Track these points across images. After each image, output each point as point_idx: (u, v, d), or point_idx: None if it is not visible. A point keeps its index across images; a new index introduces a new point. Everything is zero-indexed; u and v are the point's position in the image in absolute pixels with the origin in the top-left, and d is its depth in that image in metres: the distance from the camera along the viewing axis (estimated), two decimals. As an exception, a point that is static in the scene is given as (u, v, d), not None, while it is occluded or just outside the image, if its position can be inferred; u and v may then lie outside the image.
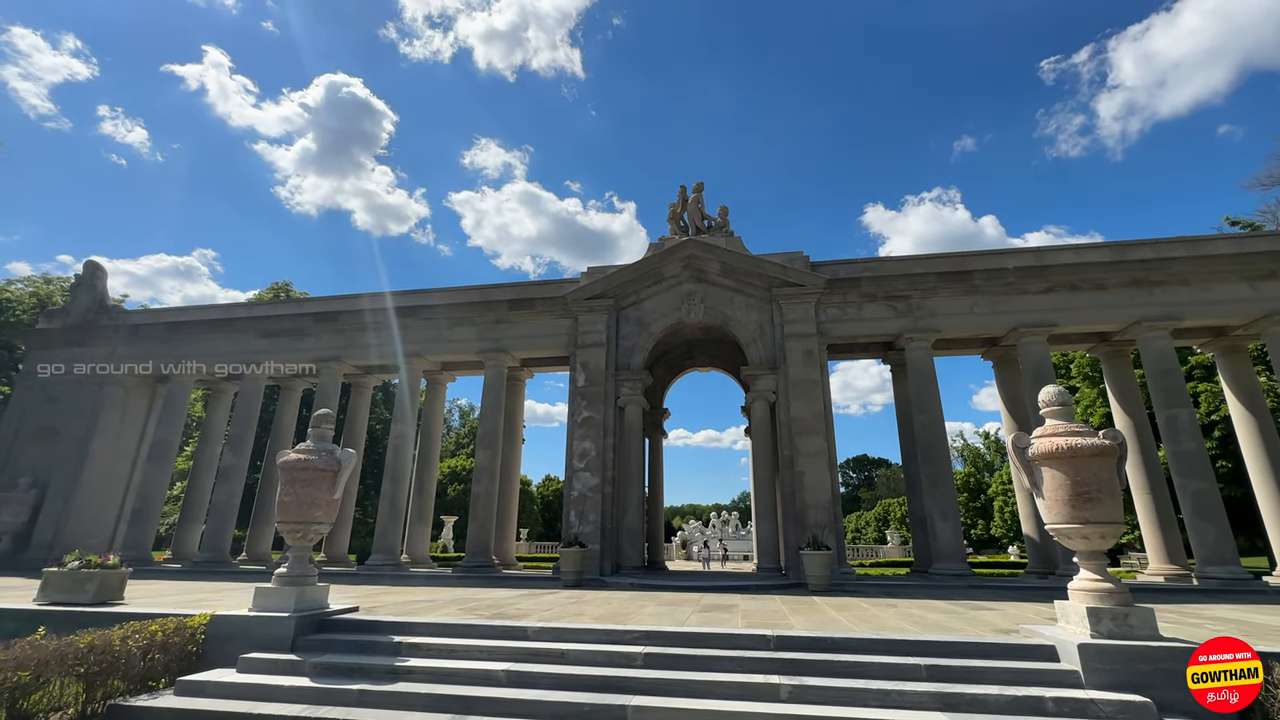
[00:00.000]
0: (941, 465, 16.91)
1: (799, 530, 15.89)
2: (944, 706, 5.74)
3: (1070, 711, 5.61)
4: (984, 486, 61.16)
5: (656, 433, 24.24)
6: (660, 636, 7.28)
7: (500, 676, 6.59)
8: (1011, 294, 17.44)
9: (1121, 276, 16.94)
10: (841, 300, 18.19)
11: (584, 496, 17.27)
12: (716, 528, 55.20)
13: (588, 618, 8.63)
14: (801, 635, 7.15)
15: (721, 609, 9.87)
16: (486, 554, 18.34)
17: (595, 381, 18.34)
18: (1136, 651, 5.97)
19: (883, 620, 8.70)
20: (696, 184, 20.63)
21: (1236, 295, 16.43)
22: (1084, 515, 6.57)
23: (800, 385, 17.16)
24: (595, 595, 12.21)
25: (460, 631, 7.72)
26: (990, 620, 8.70)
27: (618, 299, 19.09)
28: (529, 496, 67.20)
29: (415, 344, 20.41)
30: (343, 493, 8.55)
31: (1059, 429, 6.95)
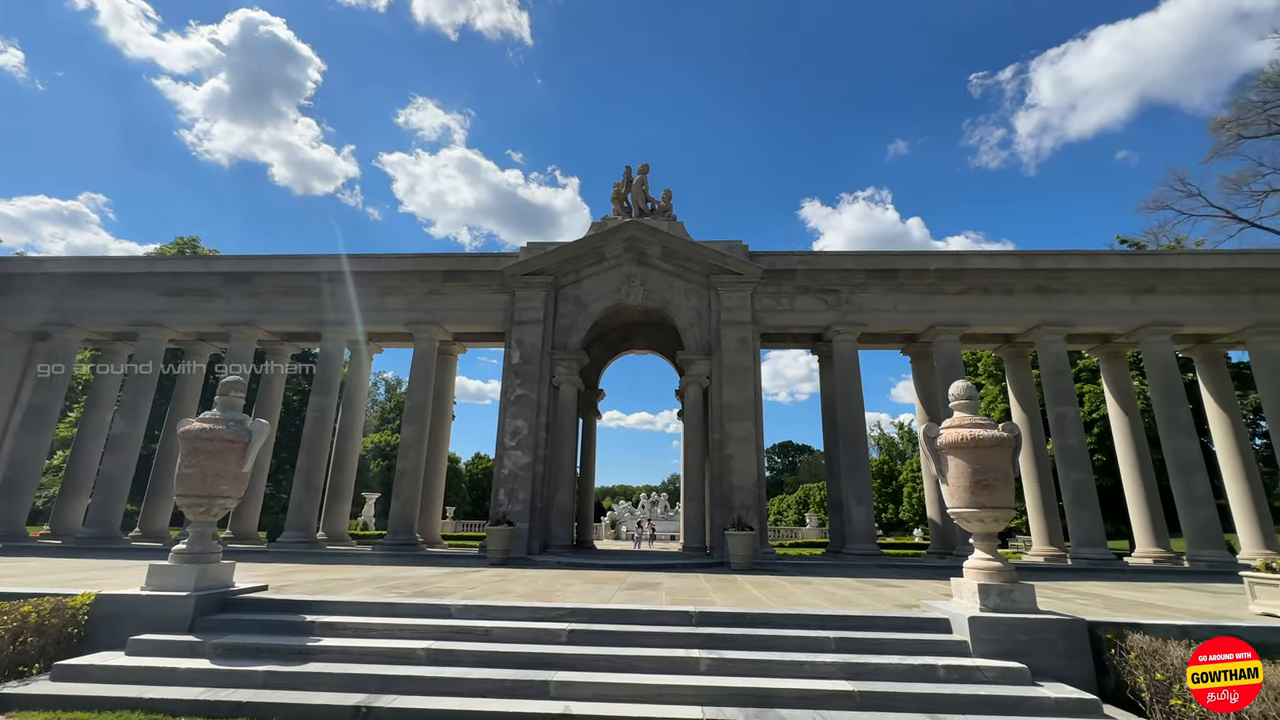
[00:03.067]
0: (860, 453, 17.88)
1: (725, 511, 16.40)
2: (849, 676, 6.13)
3: (958, 678, 6.14)
4: (896, 473, 65.30)
5: (591, 413, 24.23)
6: (585, 613, 7.35)
7: (420, 655, 6.46)
8: (931, 294, 18.54)
9: (1028, 283, 18.35)
10: (776, 291, 18.73)
11: (514, 475, 17.07)
12: (646, 508, 56.18)
13: (513, 595, 8.59)
14: (722, 611, 7.42)
15: (647, 586, 10.07)
16: (410, 532, 17.83)
17: (530, 360, 18.06)
18: (1017, 623, 6.61)
19: (798, 597, 9.16)
20: (642, 166, 20.52)
21: (1121, 306, 18.19)
22: (981, 500, 7.14)
23: (733, 372, 17.59)
24: (522, 574, 12.15)
25: (378, 610, 7.48)
26: (894, 596, 9.35)
27: (557, 277, 18.80)
28: (457, 474, 65.72)
29: (340, 312, 19.32)
30: (253, 466, 8.02)
31: (964, 421, 7.49)
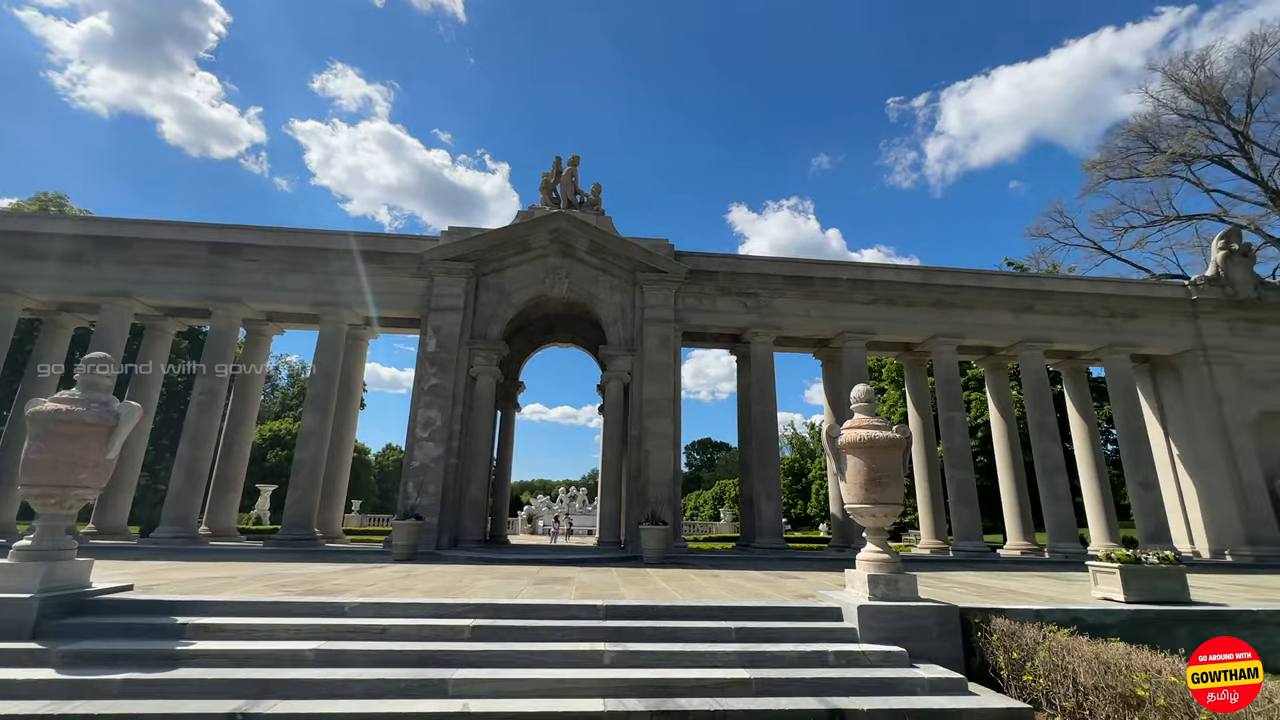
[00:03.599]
0: (771, 451, 18.64)
1: (641, 506, 16.59)
2: (747, 664, 6.37)
3: (846, 662, 6.54)
4: (806, 471, 68.65)
5: (509, 405, 23.73)
6: (491, 609, 7.19)
7: (308, 656, 6.07)
8: (842, 302, 19.61)
9: (927, 297, 19.82)
10: (699, 291, 19.13)
11: (425, 467, 16.42)
12: (564, 503, 55.82)
13: (415, 592, 8.26)
14: (629, 604, 7.50)
15: (558, 581, 10.00)
16: (307, 526, 16.72)
17: (448, 348, 17.42)
18: (900, 610, 7.12)
19: (705, 589, 9.43)
20: (572, 157, 20.28)
21: (1004, 322, 20.06)
22: (875, 497, 7.63)
23: (654, 369, 17.81)
24: (428, 569, 11.71)
25: (263, 610, 6.96)
26: (794, 587, 9.83)
27: (479, 264, 18.24)
28: (365, 466, 62.52)
29: (235, 288, 17.78)
30: (119, 453, 7.21)
31: (863, 423, 7.98)
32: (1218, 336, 20.22)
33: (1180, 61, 31.20)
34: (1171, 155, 29.93)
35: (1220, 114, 29.72)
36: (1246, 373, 20.02)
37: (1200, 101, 30.03)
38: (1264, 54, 28.68)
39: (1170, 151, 29.95)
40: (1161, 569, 8.47)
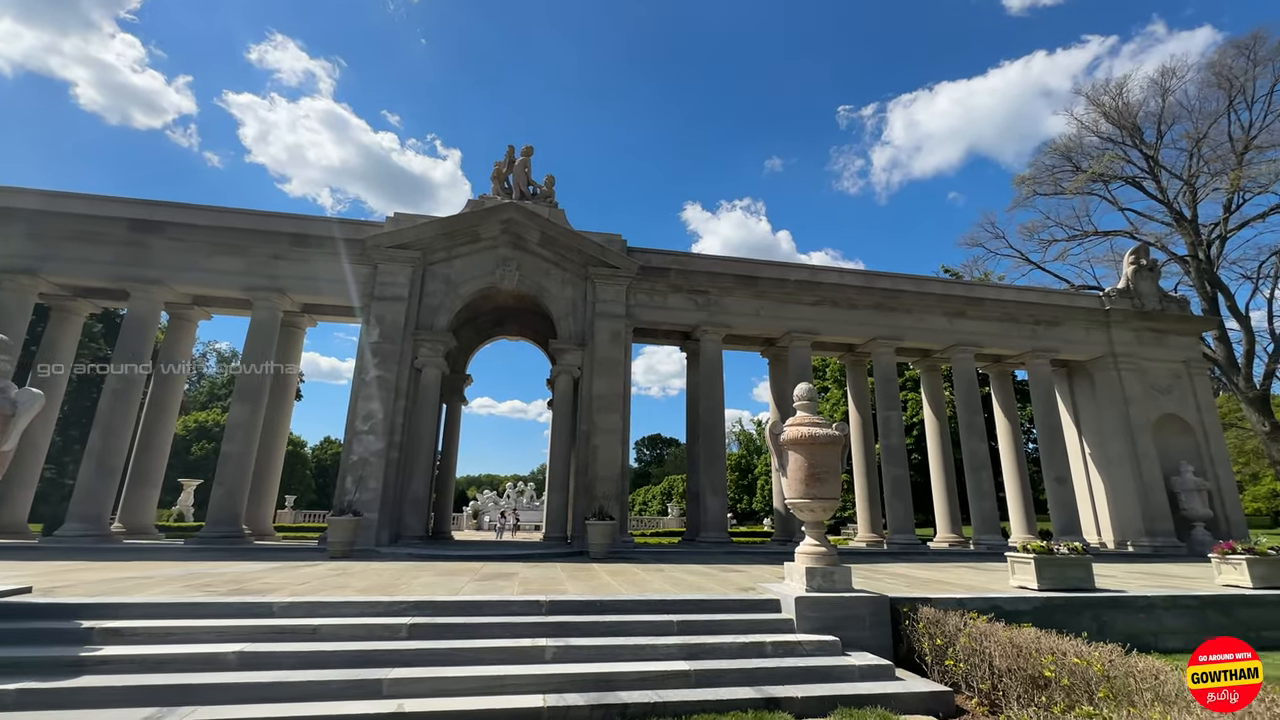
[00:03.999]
0: (718, 447, 18.96)
1: (588, 501, 16.56)
2: (688, 656, 6.47)
3: (783, 652, 6.74)
4: (752, 467, 70.29)
5: (456, 399, 23.18)
6: (430, 606, 7.02)
7: (230, 659, 5.77)
8: (790, 302, 20.13)
9: (869, 300, 20.59)
10: (650, 287, 19.22)
11: (365, 461, 15.85)
12: (511, 498, 55.06)
13: (351, 590, 7.97)
14: (572, 599, 7.48)
15: (501, 577, 9.87)
16: (234, 523, 15.86)
17: (391, 339, 16.85)
18: (835, 601, 7.40)
19: (649, 583, 9.51)
20: (526, 147, 19.94)
21: (939, 326, 21.08)
22: (814, 492, 7.88)
23: (605, 364, 17.78)
24: (365, 566, 11.32)
25: (181, 611, 6.56)
26: (736, 580, 10.05)
27: (426, 252, 17.71)
28: (301, 460, 59.82)
29: (157, 268, 16.62)
30: (19, 444, 6.63)
31: (805, 420, 8.22)
32: (1126, 344, 21.92)
33: (1101, 88, 33.59)
34: (1091, 175, 32.18)
35: (1134, 139, 32.16)
36: (1150, 378, 21.79)
37: (1118, 126, 32.41)
38: (1172, 86, 31.24)
39: (1090, 171, 32.19)
40: (1071, 559, 9.12)
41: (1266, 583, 9.72)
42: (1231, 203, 29.65)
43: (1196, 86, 31.09)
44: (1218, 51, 31.47)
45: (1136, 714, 3.78)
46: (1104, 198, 33.40)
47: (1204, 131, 30.42)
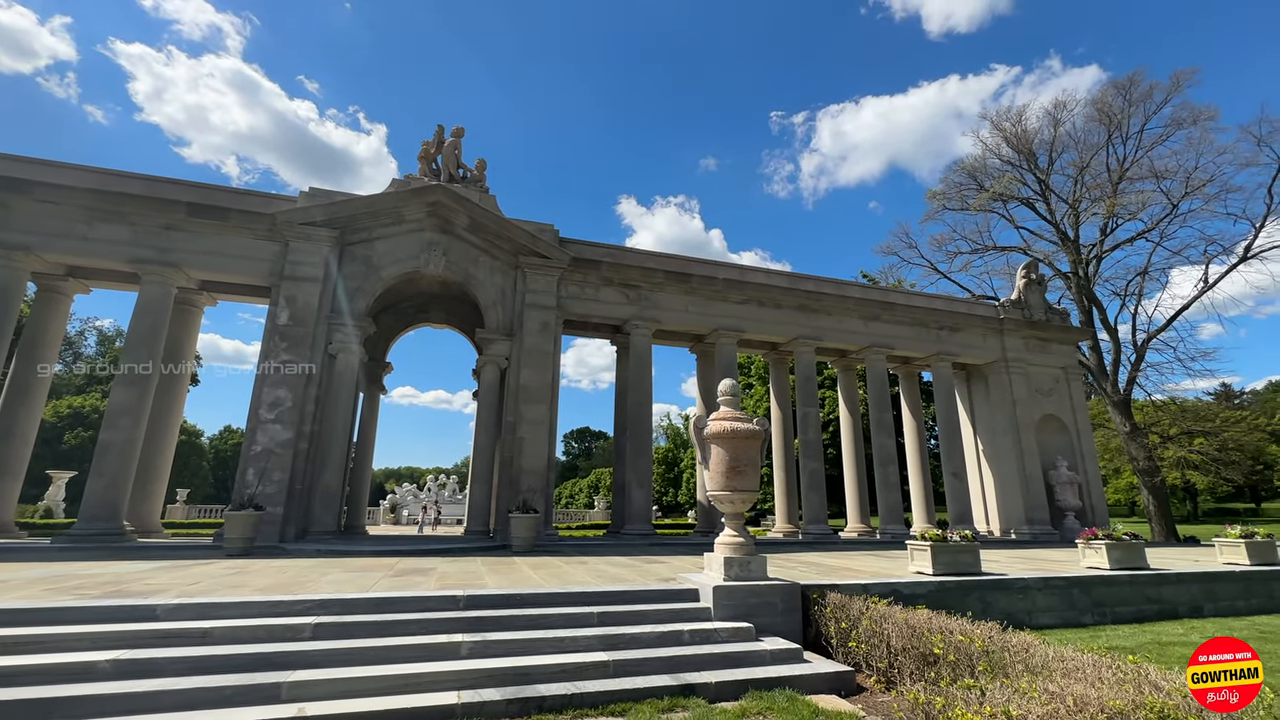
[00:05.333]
0: (644, 440, 19.16)
1: (512, 494, 16.29)
2: (607, 647, 6.53)
3: (700, 639, 6.94)
4: (679, 460, 71.55)
5: (374, 387, 22.11)
6: (338, 605, 6.69)
7: (105, 668, 5.26)
8: (718, 300, 20.60)
9: (793, 300, 21.44)
10: (582, 280, 19.10)
11: (270, 452, 14.81)
12: (433, 491, 53.24)
13: (249, 589, 7.45)
14: (491, 593, 7.36)
15: (418, 573, 9.54)
16: (114, 519, 14.38)
17: (303, 322, 15.81)
18: (750, 589, 7.68)
19: (571, 576, 9.50)
20: (456, 128, 19.21)
21: (855, 329, 22.28)
22: (734, 484, 8.13)
23: (533, 355, 17.52)
24: (267, 564, 10.61)
25: (44, 618, 5.91)
26: (658, 571, 10.22)
27: (345, 232, 16.72)
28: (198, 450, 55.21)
29: (22, 233, 14.74)
30: None
31: (727, 415, 8.45)
32: (1016, 350, 24.06)
33: (1004, 114, 36.55)
34: (992, 194, 34.95)
35: (1030, 163, 35.21)
36: (1034, 382, 24.04)
37: (1016, 150, 35.38)
38: (1063, 117, 34.47)
39: (991, 191, 34.96)
40: (962, 545, 9.94)
41: (1121, 564, 11.02)
42: (1107, 226, 33.12)
43: (1083, 120, 34.51)
44: (1101, 90, 35.08)
45: (1009, 684, 4.18)
46: (1003, 215, 36.38)
47: (1087, 161, 33.81)
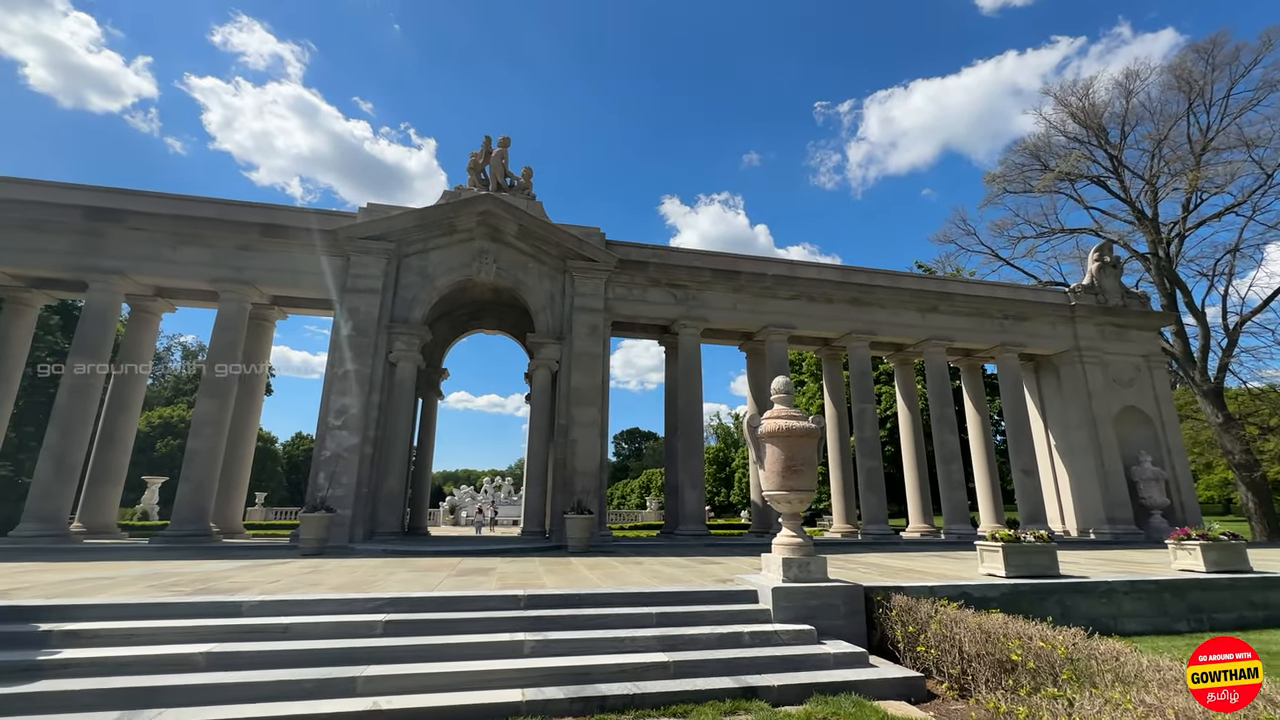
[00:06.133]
0: (696, 440, 19.05)
1: (566, 496, 16.52)
2: (666, 647, 6.51)
3: (760, 641, 6.83)
4: (730, 460, 70.88)
5: (432, 393, 22.89)
6: (406, 603, 6.95)
7: (198, 660, 5.63)
8: (766, 297, 20.27)
9: (845, 294, 20.85)
10: (629, 281, 19.18)
11: (338, 457, 15.55)
12: (489, 493, 54.68)
13: (324, 588, 7.83)
14: (551, 593, 7.46)
15: (479, 572, 9.80)
16: (201, 520, 15.45)
17: (365, 332, 16.54)
18: (810, 591, 7.51)
19: (628, 576, 9.53)
20: (503, 138, 19.68)
21: (912, 321, 21.46)
22: (790, 484, 7.97)
23: (583, 358, 17.72)
24: (339, 564, 11.14)
25: (146, 612, 6.38)
26: (714, 572, 10.14)
27: (401, 244, 17.39)
28: (272, 456, 58.52)
29: (116, 258, 16.03)
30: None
31: (781, 413, 8.30)
32: (1090, 339, 22.60)
33: (1069, 88, 34.40)
34: (1058, 174, 32.98)
35: (1100, 139, 33.04)
36: (1112, 371, 22.52)
37: (1084, 126, 33.25)
38: (1136, 88, 32.14)
39: (1057, 170, 32.99)
40: (1037, 546, 9.40)
41: (1219, 567, 10.16)
42: (1190, 202, 30.69)
43: (1159, 89, 32.07)
44: (1179, 55, 32.52)
45: (1098, 694, 3.92)
46: (1070, 196, 34.29)
47: (1165, 133, 31.39)
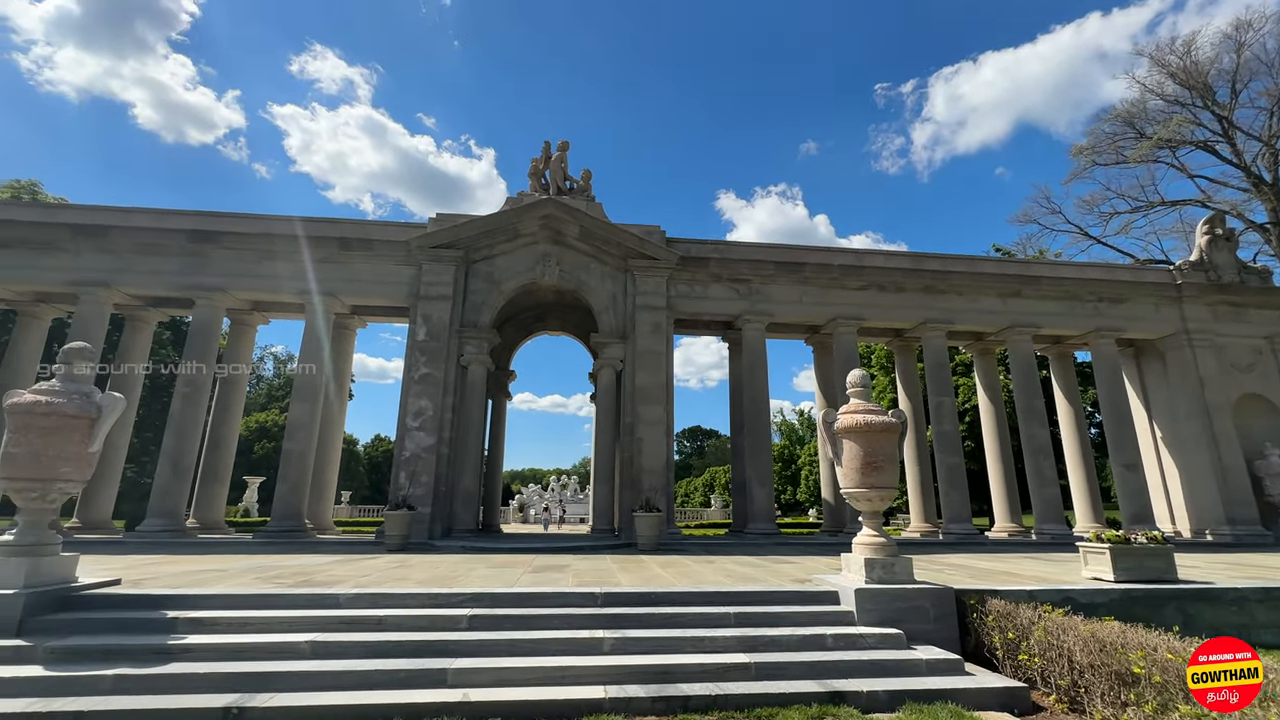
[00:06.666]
0: (763, 437, 18.68)
1: (634, 493, 16.59)
2: (747, 648, 6.39)
3: (844, 645, 6.58)
4: (795, 457, 69.22)
5: (500, 394, 23.58)
6: (488, 598, 7.15)
7: (303, 648, 6.00)
8: (834, 288, 19.59)
9: (917, 282, 19.86)
10: (690, 278, 19.03)
11: (417, 457, 16.28)
12: (556, 491, 55.90)
13: (411, 582, 8.19)
14: (627, 591, 7.49)
15: (554, 569, 9.98)
16: (297, 518, 16.56)
17: (438, 337, 17.22)
18: (896, 593, 7.18)
19: (701, 575, 9.45)
20: (561, 142, 19.98)
21: (993, 308, 20.17)
22: (871, 481, 7.65)
23: (646, 356, 17.74)
24: (422, 559, 11.65)
25: (256, 603, 6.87)
26: (789, 572, 9.88)
27: (468, 251, 17.99)
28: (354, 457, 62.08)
29: (217, 276, 17.40)
30: (102, 445, 7.05)
31: (859, 408, 7.98)
32: (1201, 320, 20.50)
33: (1166, 47, 31.34)
34: (1157, 141, 30.13)
35: (1205, 100, 29.92)
36: (1228, 356, 20.34)
37: (1186, 87, 30.20)
38: (1249, 39, 28.88)
39: (1155, 137, 30.14)
40: (1150, 549, 8.60)
41: (1374, 573, 8.96)
42: (1318, 163, 27.31)
43: (1276, 39, 28.69)
44: (1300, -1, 28.92)
45: (1246, 713, 3.50)
46: (1171, 165, 31.27)
47: (1285, 87, 28.05)
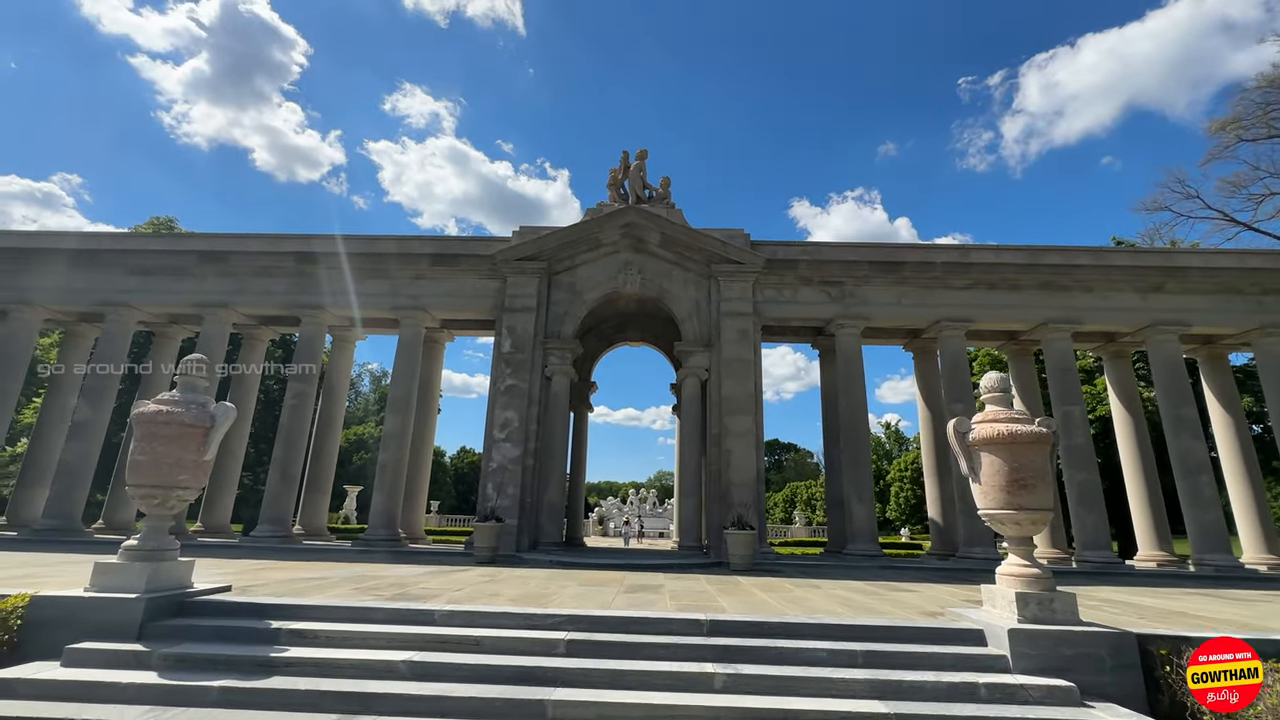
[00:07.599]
0: (861, 450, 17.35)
1: (723, 508, 15.77)
2: (880, 695, 5.50)
3: (1002, 698, 5.53)
4: (884, 473, 65.25)
5: (582, 406, 23.49)
6: (585, 621, 6.66)
7: (402, 668, 5.73)
8: (937, 288, 18.00)
9: (1034, 279, 17.87)
10: (778, 282, 18.10)
11: (503, 468, 16.31)
12: (634, 505, 55.61)
13: (503, 599, 7.87)
14: (735, 620, 6.77)
15: (647, 589, 9.41)
16: (392, 527, 17.01)
17: (522, 348, 17.28)
18: (1061, 636, 6.01)
19: (810, 602, 8.54)
20: (640, 151, 19.75)
21: (1129, 304, 17.79)
22: (1019, 501, 6.54)
23: (733, 364, 16.96)
24: (511, 574, 11.43)
25: (355, 616, 6.74)
26: (912, 602, 8.77)
27: (551, 262, 18.02)
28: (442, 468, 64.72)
29: (319, 294, 18.38)
30: (219, 454, 7.23)
31: (1000, 415, 6.88)
32: (1401, 313, 17.10)
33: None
34: (1322, 108, 25.92)
35: (1385, 56, 25.47)
36: None
37: (1357, 43, 25.86)
38: None
39: (1320, 103, 25.95)
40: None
41: None
42: None
43: None
44: None
45: None
46: (1341, 135, 26.76)
47: None
